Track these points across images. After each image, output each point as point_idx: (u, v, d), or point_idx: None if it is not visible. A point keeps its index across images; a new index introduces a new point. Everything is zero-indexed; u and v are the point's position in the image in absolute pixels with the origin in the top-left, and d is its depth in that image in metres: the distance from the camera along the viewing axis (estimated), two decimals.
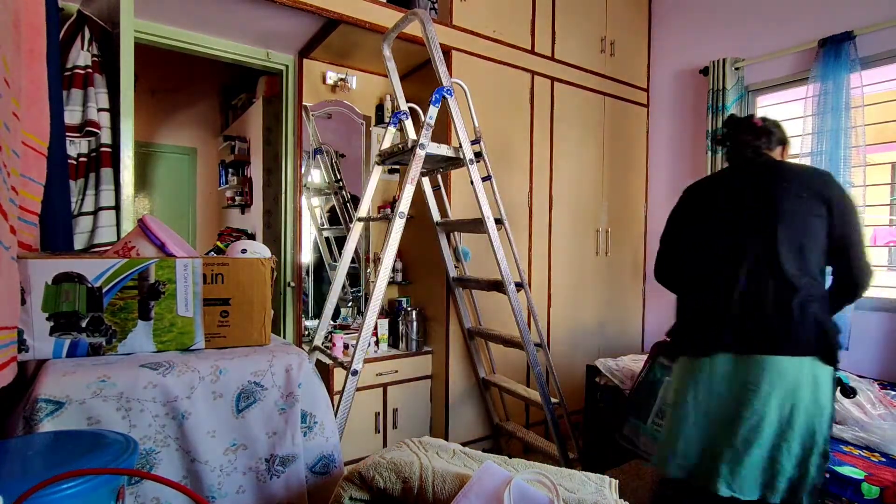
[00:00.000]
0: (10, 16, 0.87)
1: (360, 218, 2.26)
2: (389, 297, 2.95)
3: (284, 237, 2.73)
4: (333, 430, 1.21)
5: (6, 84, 0.83)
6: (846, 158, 2.47)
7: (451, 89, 1.97)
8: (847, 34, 2.49)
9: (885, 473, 1.62)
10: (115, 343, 1.04)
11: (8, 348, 0.86)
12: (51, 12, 1.22)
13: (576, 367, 3.02)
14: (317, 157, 2.90)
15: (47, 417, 0.86)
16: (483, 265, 2.64)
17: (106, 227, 1.73)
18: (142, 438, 0.94)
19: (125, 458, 0.73)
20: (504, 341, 2.37)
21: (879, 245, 3.62)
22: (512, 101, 2.80)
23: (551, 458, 2.22)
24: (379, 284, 1.76)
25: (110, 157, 1.76)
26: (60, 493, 0.62)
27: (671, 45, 3.43)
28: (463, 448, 1.12)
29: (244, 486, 1.05)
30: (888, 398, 2.02)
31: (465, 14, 2.61)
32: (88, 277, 1.01)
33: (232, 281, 1.13)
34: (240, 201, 3.83)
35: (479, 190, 2.05)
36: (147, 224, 1.18)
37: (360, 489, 0.96)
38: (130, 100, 1.76)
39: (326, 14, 2.21)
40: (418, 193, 2.39)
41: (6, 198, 0.81)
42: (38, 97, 1.12)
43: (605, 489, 0.97)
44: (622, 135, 3.38)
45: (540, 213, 2.94)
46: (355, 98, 2.90)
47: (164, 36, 2.34)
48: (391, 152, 2.11)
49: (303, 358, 1.15)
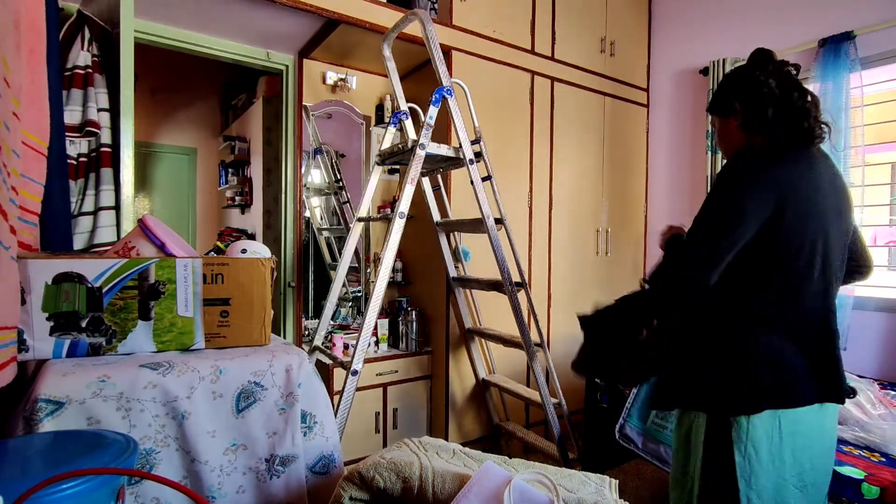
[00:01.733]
0: (10, 16, 0.87)
1: (360, 218, 2.26)
2: (389, 297, 2.95)
3: (284, 237, 2.73)
4: (333, 430, 1.21)
5: (6, 84, 0.83)
6: (846, 158, 2.47)
7: (451, 89, 1.97)
8: (847, 34, 2.49)
9: (885, 473, 1.62)
10: (115, 343, 1.04)
11: (8, 348, 0.86)
12: (51, 12, 1.22)
13: None
14: (317, 157, 2.90)
15: (47, 417, 0.86)
16: (483, 265, 2.64)
17: (106, 227, 1.73)
18: (142, 438, 0.94)
19: (125, 458, 0.73)
20: (504, 341, 2.37)
21: (880, 245, 3.62)
22: (512, 101, 2.80)
23: (551, 458, 2.22)
24: (379, 284, 1.76)
25: (110, 157, 1.76)
26: (60, 493, 0.62)
27: (671, 45, 3.43)
28: (463, 448, 1.12)
29: (244, 486, 1.05)
30: (888, 398, 2.02)
31: (465, 14, 2.61)
32: (88, 277, 1.01)
33: (232, 281, 1.13)
34: (240, 201, 3.83)
35: (479, 190, 2.05)
36: (147, 224, 1.17)
37: (360, 489, 0.96)
38: (130, 100, 1.76)
39: (326, 14, 2.21)
40: (418, 193, 2.38)
41: (6, 198, 0.81)
42: (38, 97, 1.12)
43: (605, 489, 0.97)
44: (622, 135, 3.38)
45: (540, 212, 2.93)
46: (355, 98, 2.90)
47: (164, 36, 2.34)
48: (391, 152, 2.11)
49: (303, 358, 1.15)
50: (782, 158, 1.11)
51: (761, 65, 1.20)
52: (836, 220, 1.14)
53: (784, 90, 1.15)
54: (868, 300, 2.51)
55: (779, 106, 1.15)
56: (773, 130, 1.15)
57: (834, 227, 1.14)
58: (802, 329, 1.12)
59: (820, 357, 1.13)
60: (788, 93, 1.15)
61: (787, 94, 1.15)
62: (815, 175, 1.12)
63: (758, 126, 1.17)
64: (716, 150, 2.97)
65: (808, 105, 1.16)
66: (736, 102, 1.20)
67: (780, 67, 1.19)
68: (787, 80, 1.17)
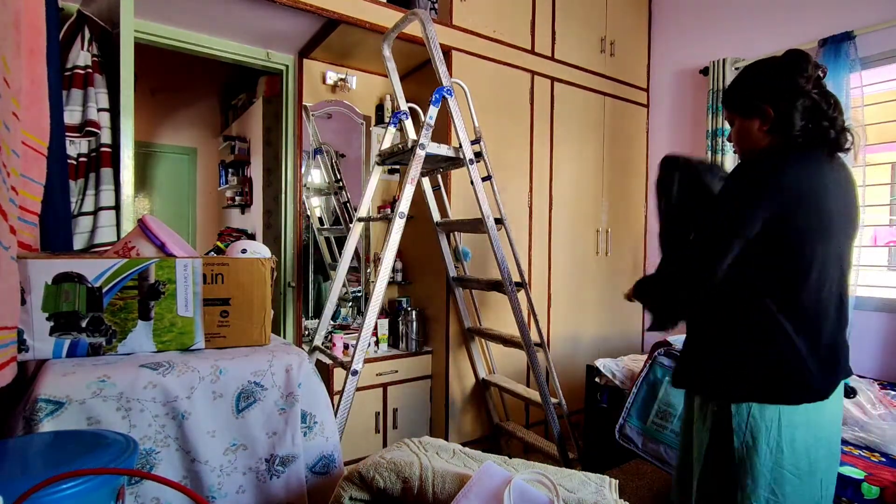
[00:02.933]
0: (11, 16, 0.87)
1: (360, 218, 2.26)
2: (389, 297, 2.95)
3: (284, 237, 2.73)
4: (333, 430, 1.21)
5: (6, 84, 0.83)
6: (846, 159, 2.46)
7: (451, 89, 1.97)
8: (847, 34, 2.49)
9: (885, 473, 1.62)
10: (115, 343, 1.04)
11: (8, 348, 0.86)
12: (51, 12, 1.22)
13: (576, 367, 3.02)
14: (317, 157, 2.90)
15: (47, 417, 0.86)
16: (483, 265, 2.63)
17: (106, 227, 1.73)
18: (142, 438, 0.94)
19: (125, 458, 0.73)
20: (504, 341, 2.37)
21: (880, 245, 3.62)
22: (512, 101, 2.80)
23: (551, 458, 2.22)
24: (379, 284, 1.76)
25: (110, 157, 1.76)
26: (60, 493, 0.62)
27: (671, 45, 3.43)
28: (463, 448, 1.12)
29: (244, 486, 1.05)
30: (888, 398, 2.02)
31: (465, 14, 2.61)
32: (88, 277, 1.01)
33: (232, 281, 1.13)
34: (240, 201, 3.83)
35: (479, 190, 2.05)
36: (147, 224, 1.17)
37: (360, 489, 0.96)
38: (130, 100, 1.76)
39: (326, 14, 2.21)
40: (418, 193, 2.38)
41: (6, 198, 0.81)
42: (38, 97, 1.12)
43: (605, 489, 0.98)
44: (622, 135, 3.38)
45: (540, 212, 2.93)
46: (355, 98, 2.90)
47: (164, 36, 2.34)
48: (391, 152, 2.12)
49: (303, 358, 1.15)
50: (798, 162, 1.11)
51: (800, 69, 1.15)
52: (846, 225, 1.15)
53: (818, 99, 1.14)
54: (868, 300, 2.51)
55: (811, 115, 1.13)
56: (798, 136, 1.14)
57: (843, 231, 1.14)
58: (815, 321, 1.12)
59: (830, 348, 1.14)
60: (822, 101, 1.14)
61: (820, 103, 1.14)
62: (829, 179, 1.12)
63: (786, 131, 1.15)
64: (716, 150, 2.97)
65: (837, 115, 1.14)
66: (766, 105, 1.16)
67: (816, 73, 1.16)
68: (821, 88, 1.15)
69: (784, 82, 1.15)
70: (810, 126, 1.13)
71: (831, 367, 1.13)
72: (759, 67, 1.23)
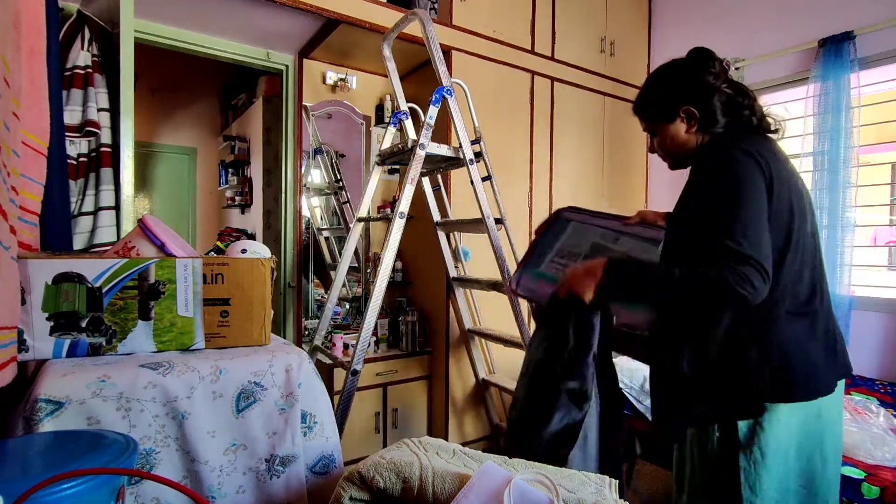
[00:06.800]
0: (10, 16, 0.87)
1: (360, 218, 2.26)
2: (389, 297, 2.95)
3: (284, 237, 2.73)
4: (333, 430, 1.20)
5: (6, 84, 0.83)
6: (846, 158, 2.47)
7: (451, 89, 1.97)
8: (847, 34, 2.49)
9: (885, 473, 1.62)
10: (115, 343, 1.04)
11: (8, 348, 0.86)
12: (51, 12, 1.22)
13: None
14: (317, 157, 2.90)
15: (47, 417, 0.86)
16: (483, 265, 2.63)
17: (106, 227, 1.73)
18: (142, 438, 0.94)
19: (125, 458, 0.73)
20: (504, 341, 2.36)
21: (880, 245, 3.61)
22: (512, 101, 2.80)
23: None
24: (379, 284, 1.76)
25: (110, 157, 1.76)
26: (60, 493, 0.62)
27: (671, 46, 3.43)
28: (463, 448, 1.12)
29: (244, 486, 1.05)
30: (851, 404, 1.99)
31: (465, 14, 2.61)
32: (88, 277, 1.01)
33: (232, 281, 1.13)
34: (240, 201, 3.83)
35: (479, 190, 2.04)
36: (147, 224, 1.17)
37: (360, 489, 0.96)
38: (130, 100, 1.76)
39: (326, 14, 2.21)
40: (418, 193, 2.38)
41: (6, 198, 0.81)
42: (38, 97, 1.12)
43: (605, 489, 0.97)
44: (622, 135, 3.38)
45: (540, 212, 2.93)
46: (355, 98, 2.90)
47: (164, 36, 2.34)
48: (391, 152, 2.12)
49: (303, 358, 1.15)
50: (756, 143, 1.10)
51: (707, 66, 1.17)
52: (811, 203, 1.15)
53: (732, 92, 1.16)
54: (868, 300, 2.51)
55: (730, 108, 1.15)
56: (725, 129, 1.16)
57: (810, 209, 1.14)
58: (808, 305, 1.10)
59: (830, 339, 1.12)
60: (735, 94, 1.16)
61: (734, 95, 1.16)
62: (787, 162, 1.13)
63: (713, 126, 1.16)
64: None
65: (752, 102, 1.17)
66: (688, 105, 1.17)
67: (721, 68, 1.18)
68: (730, 81, 1.18)
69: (697, 80, 1.18)
70: (732, 118, 1.15)
71: (832, 355, 1.11)
72: (667, 71, 1.26)
